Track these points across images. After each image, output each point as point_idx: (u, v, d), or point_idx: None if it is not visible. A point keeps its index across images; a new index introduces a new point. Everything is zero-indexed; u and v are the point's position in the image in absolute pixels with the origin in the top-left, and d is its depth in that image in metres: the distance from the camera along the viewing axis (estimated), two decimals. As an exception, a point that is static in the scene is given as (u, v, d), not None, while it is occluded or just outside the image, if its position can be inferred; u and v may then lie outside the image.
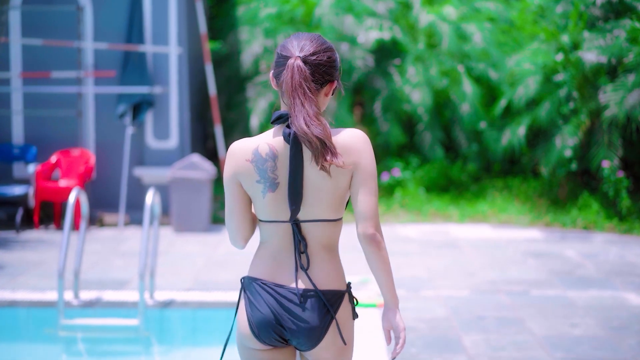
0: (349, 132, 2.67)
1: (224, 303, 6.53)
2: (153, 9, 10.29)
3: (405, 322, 6.13)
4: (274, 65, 2.70)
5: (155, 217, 6.61)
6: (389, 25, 11.86)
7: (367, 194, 2.63)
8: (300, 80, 2.60)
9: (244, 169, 2.66)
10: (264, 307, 2.67)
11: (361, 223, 2.62)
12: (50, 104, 10.30)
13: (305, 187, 2.63)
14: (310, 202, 2.64)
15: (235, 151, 2.69)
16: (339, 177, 2.64)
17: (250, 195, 2.70)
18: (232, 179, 2.70)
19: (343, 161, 2.59)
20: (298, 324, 2.65)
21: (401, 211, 10.98)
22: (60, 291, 6.02)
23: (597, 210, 10.26)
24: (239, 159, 2.67)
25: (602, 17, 10.74)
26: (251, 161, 2.65)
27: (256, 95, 11.78)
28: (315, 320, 2.64)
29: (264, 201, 2.66)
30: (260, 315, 2.67)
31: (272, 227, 2.69)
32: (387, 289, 2.66)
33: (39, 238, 9.41)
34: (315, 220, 2.66)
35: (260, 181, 2.65)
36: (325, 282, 2.67)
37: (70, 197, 6.25)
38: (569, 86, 10.62)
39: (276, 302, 2.66)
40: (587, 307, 6.57)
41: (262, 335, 2.68)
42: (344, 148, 2.63)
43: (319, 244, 2.68)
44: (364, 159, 2.64)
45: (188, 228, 9.73)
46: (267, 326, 2.67)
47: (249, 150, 2.66)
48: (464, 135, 11.93)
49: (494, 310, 6.48)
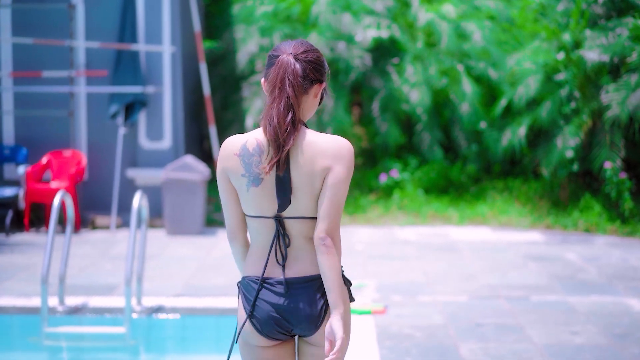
0: (336, 139, 2.74)
1: (215, 309, 6.34)
2: (146, 6, 10.10)
3: (401, 330, 5.93)
4: (265, 69, 2.79)
5: (143, 221, 6.42)
6: (387, 23, 11.68)
7: (330, 198, 2.68)
8: (284, 75, 2.68)
9: (232, 162, 2.73)
10: (261, 302, 2.74)
11: (318, 225, 2.69)
12: (42, 104, 10.11)
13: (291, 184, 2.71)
14: (293, 200, 2.71)
15: (227, 145, 2.76)
16: (315, 178, 2.69)
17: (236, 189, 2.76)
18: (222, 173, 2.77)
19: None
20: (296, 313, 2.73)
21: (399, 213, 10.78)
22: (44, 298, 5.83)
23: (599, 212, 10.06)
24: (229, 153, 2.74)
25: (604, 15, 10.56)
26: (238, 155, 2.72)
27: (252, 95, 11.60)
28: (310, 307, 2.73)
29: (248, 195, 2.72)
30: (261, 310, 2.75)
31: (257, 223, 2.75)
32: (331, 293, 2.68)
33: (29, 241, 9.22)
34: (297, 218, 2.73)
35: (245, 175, 2.71)
36: (311, 269, 2.74)
37: (54, 200, 6.07)
38: (571, 86, 10.43)
39: (272, 294, 2.74)
40: (589, 313, 6.37)
41: (265, 329, 2.76)
42: (322, 150, 2.69)
43: (303, 237, 2.75)
44: (339, 166, 2.69)
45: (181, 231, 9.53)
46: (268, 319, 2.74)
47: (238, 145, 2.73)
48: (464, 135, 11.73)
49: (492, 317, 6.27)
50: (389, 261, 8.29)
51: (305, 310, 2.72)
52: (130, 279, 5.81)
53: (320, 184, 2.70)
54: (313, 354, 2.81)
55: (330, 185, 2.68)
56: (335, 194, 2.68)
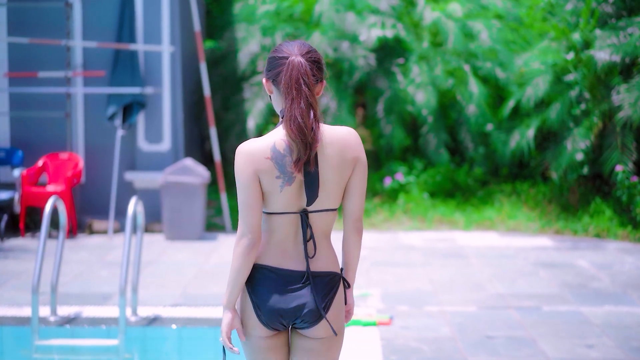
0: (346, 129, 2.91)
1: (213, 320, 6.08)
2: (145, 5, 9.85)
3: (407, 343, 5.66)
4: (267, 70, 2.89)
5: (139, 227, 6.17)
6: (392, 22, 11.41)
7: (361, 184, 2.92)
8: (299, 76, 2.79)
9: (265, 166, 2.79)
10: (272, 292, 2.85)
11: (355, 214, 2.93)
12: (37, 105, 9.86)
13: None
14: (320, 193, 2.85)
15: (253, 151, 2.81)
16: (344, 170, 2.87)
17: (266, 190, 2.83)
18: (252, 177, 2.80)
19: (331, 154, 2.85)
20: (304, 305, 2.85)
21: (404, 218, 10.52)
22: (34, 309, 5.59)
23: (610, 216, 9.78)
24: (259, 157, 2.80)
25: (615, 14, 10.30)
26: (271, 158, 2.79)
27: (253, 96, 11.35)
28: (322, 301, 2.86)
29: (280, 195, 2.82)
30: (268, 301, 2.85)
31: (281, 219, 2.85)
32: (350, 270, 3.02)
33: (23, 246, 8.98)
34: (321, 211, 2.87)
35: (280, 176, 2.80)
36: (326, 265, 2.90)
37: (46, 206, 5.82)
38: (581, 86, 10.16)
39: (283, 285, 2.85)
40: (604, 325, 6.10)
41: (269, 320, 2.86)
42: (345, 142, 2.88)
43: (321, 232, 2.90)
44: (362, 153, 2.91)
45: (180, 236, 9.28)
46: (274, 311, 2.85)
47: (267, 148, 2.80)
48: (470, 137, 11.45)
49: (503, 329, 6.01)
50: (393, 268, 8.02)
51: (315, 304, 2.85)
52: (124, 289, 5.56)
53: (349, 174, 2.89)
54: (311, 348, 2.92)
55: (360, 172, 2.90)
56: (364, 179, 2.92)
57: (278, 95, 2.86)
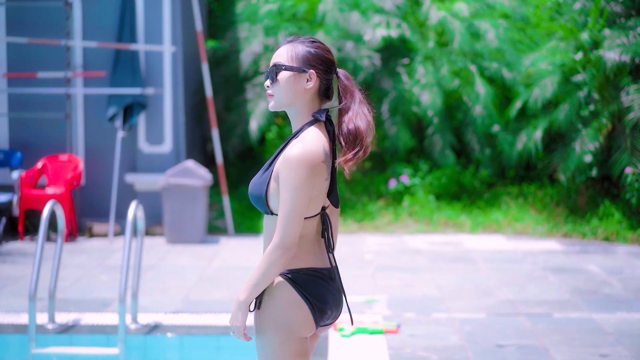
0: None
1: (215, 327, 5.93)
2: (146, 5, 9.69)
3: (416, 352, 5.50)
4: (323, 67, 2.97)
5: (139, 232, 6.01)
6: (397, 22, 11.25)
7: None
8: (352, 81, 2.99)
9: (321, 170, 2.83)
10: (323, 291, 2.87)
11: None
12: (37, 106, 9.70)
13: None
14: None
15: (315, 155, 2.81)
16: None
17: (313, 195, 2.84)
18: (312, 185, 2.82)
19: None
20: (340, 299, 2.94)
21: (409, 220, 10.35)
22: (31, 316, 5.42)
23: (619, 219, 9.60)
24: (318, 162, 2.82)
25: (624, 13, 10.14)
26: (324, 162, 2.84)
27: (255, 96, 11.19)
28: (343, 293, 2.97)
29: (321, 196, 2.87)
30: (322, 300, 2.87)
31: (314, 220, 2.89)
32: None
33: (22, 250, 8.82)
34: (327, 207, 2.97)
35: (327, 178, 2.87)
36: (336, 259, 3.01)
37: (44, 210, 5.65)
38: (589, 87, 9.99)
39: (327, 283, 2.89)
40: (617, 333, 5.93)
41: (320, 319, 2.88)
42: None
43: (333, 227, 2.99)
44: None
45: (182, 239, 9.11)
46: (324, 309, 2.88)
47: (322, 152, 2.84)
48: (477, 139, 11.28)
49: (513, 337, 5.83)
50: (399, 273, 7.85)
51: (342, 296, 2.95)
52: (124, 296, 5.40)
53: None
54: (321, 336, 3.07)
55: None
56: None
57: (323, 93, 2.94)
